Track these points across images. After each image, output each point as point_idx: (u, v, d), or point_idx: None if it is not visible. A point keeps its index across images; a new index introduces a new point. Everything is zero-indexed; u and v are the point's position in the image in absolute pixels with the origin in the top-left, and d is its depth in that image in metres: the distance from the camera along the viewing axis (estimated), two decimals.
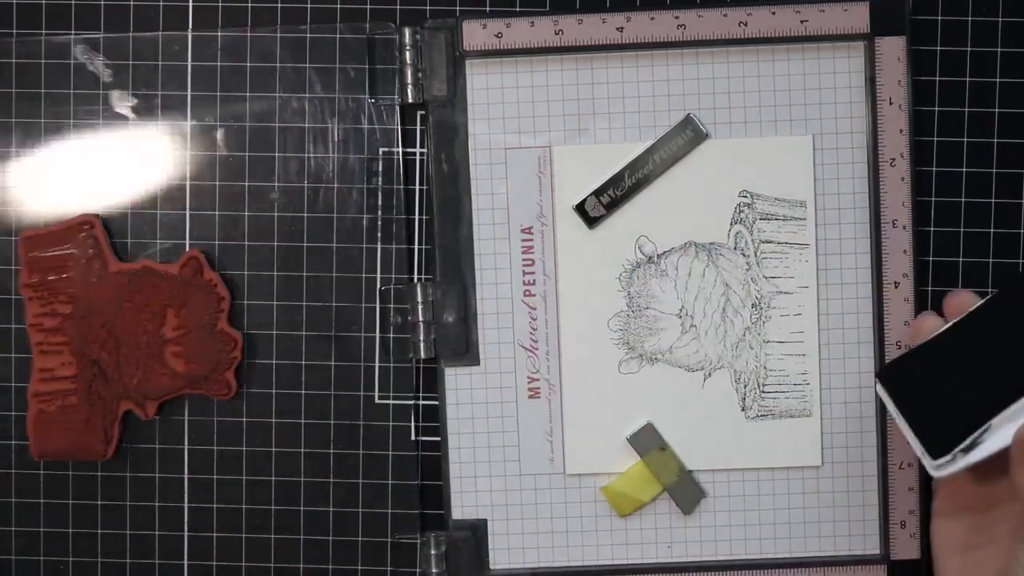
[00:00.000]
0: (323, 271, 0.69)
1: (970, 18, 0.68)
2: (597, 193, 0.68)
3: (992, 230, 0.68)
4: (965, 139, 0.68)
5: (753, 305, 0.67)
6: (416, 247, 0.69)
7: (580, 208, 0.68)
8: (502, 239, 0.68)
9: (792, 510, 0.68)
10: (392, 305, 0.69)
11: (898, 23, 0.66)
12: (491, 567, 0.69)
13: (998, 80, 0.68)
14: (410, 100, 0.68)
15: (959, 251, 0.68)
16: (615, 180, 0.68)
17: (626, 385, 0.68)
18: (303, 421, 0.69)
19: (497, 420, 0.69)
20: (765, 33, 0.67)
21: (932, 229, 0.68)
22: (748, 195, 0.67)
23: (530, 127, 0.68)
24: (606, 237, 0.68)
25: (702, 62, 0.67)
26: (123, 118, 0.69)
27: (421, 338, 0.68)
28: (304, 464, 0.69)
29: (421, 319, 0.68)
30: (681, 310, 0.68)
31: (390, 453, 0.69)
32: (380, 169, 0.69)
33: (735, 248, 0.67)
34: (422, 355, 0.68)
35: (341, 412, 0.69)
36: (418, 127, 0.68)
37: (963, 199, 0.68)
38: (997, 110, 0.68)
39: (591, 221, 0.68)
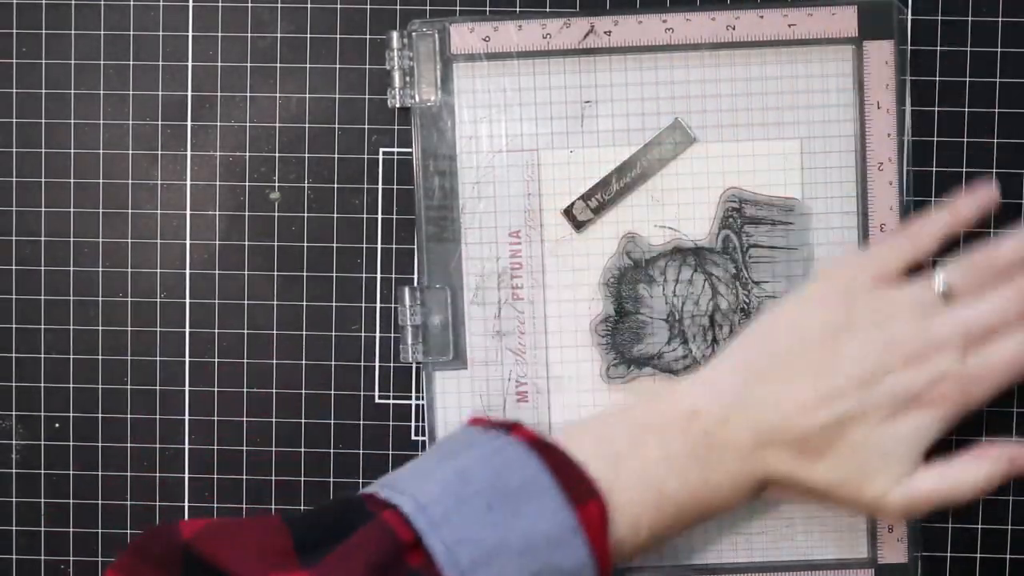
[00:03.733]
0: (323, 271, 0.69)
1: (970, 18, 0.67)
2: (585, 197, 0.67)
3: (992, 230, 0.68)
4: (965, 139, 0.68)
5: (742, 309, 0.67)
6: (416, 247, 0.69)
7: (568, 212, 0.68)
8: (489, 243, 0.68)
9: (780, 514, 0.68)
10: (393, 305, 0.69)
11: (886, 27, 0.66)
12: None
13: (998, 80, 0.67)
14: (399, 104, 0.68)
15: (959, 251, 0.68)
16: (603, 184, 0.67)
17: (614, 390, 0.68)
18: (303, 421, 0.69)
19: None
20: (753, 37, 0.66)
21: None
22: (736, 199, 0.67)
23: (518, 131, 0.67)
24: (594, 241, 0.68)
25: (691, 65, 0.67)
26: (124, 117, 0.69)
27: (409, 342, 0.68)
28: (304, 463, 0.70)
29: (409, 323, 0.68)
30: (669, 315, 0.67)
31: (390, 453, 0.69)
32: (380, 169, 0.69)
33: (723, 252, 0.67)
34: (411, 359, 0.68)
35: (341, 412, 0.69)
36: (412, 128, 0.68)
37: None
38: (997, 110, 0.67)
39: (579, 225, 0.68)
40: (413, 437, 0.69)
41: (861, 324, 0.59)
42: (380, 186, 0.69)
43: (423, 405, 0.69)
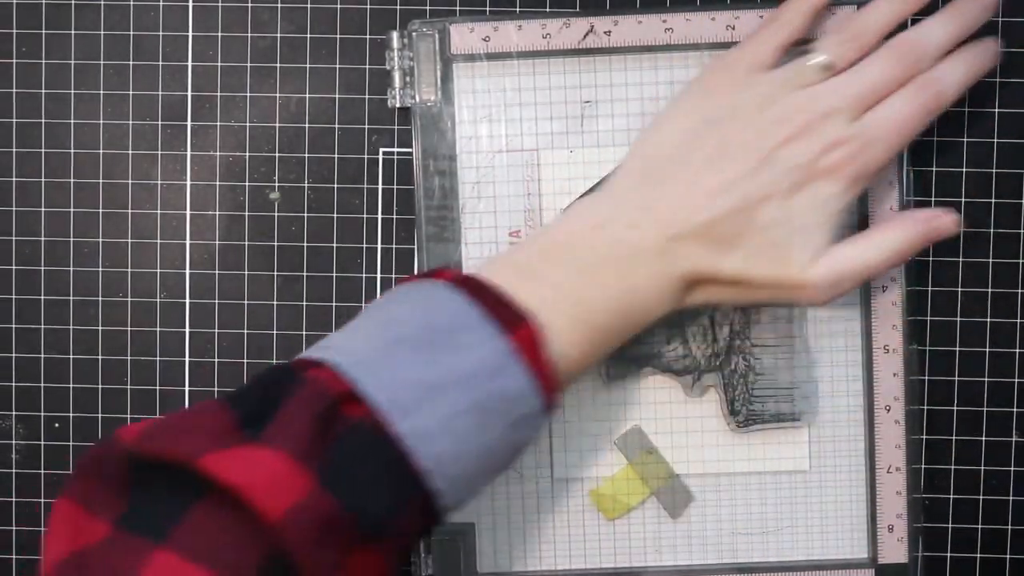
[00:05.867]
0: (323, 271, 0.69)
1: None
2: (585, 197, 0.67)
3: (992, 230, 0.68)
4: (965, 139, 0.68)
5: (742, 310, 0.67)
6: (416, 247, 0.69)
7: None
8: (489, 243, 0.68)
9: (780, 515, 0.68)
10: None
11: None
12: (478, 571, 0.68)
13: (998, 80, 0.67)
14: (399, 104, 0.67)
15: (959, 251, 0.68)
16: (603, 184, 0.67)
17: (614, 390, 0.68)
18: None
19: None
20: None
21: None
22: None
23: (518, 131, 0.68)
24: None
25: (691, 65, 0.67)
26: (124, 117, 0.69)
27: None
28: None
29: None
30: (669, 314, 0.67)
31: None
32: (380, 169, 0.69)
33: None
34: None
35: None
36: (412, 128, 0.68)
37: (963, 199, 0.68)
38: (997, 110, 0.67)
39: None
40: None
41: (746, 109, 0.60)
42: (380, 186, 0.69)
43: None
